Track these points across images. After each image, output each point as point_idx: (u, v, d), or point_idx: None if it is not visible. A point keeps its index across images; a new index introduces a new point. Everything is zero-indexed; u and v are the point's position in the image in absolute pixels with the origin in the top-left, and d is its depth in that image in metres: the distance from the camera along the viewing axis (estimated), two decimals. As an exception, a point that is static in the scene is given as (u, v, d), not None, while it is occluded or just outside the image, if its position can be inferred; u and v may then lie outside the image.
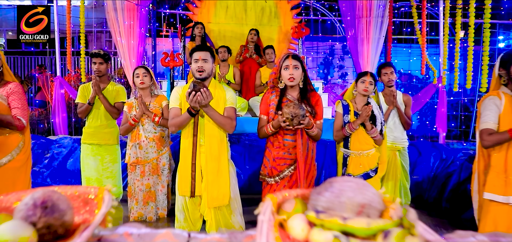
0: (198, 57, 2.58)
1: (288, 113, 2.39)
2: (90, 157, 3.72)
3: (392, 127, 3.77)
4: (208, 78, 2.63)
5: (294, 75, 2.57)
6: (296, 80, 2.58)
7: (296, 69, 2.58)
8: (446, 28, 5.70)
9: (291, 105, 2.42)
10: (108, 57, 3.80)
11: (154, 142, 3.31)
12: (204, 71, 2.57)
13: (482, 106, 2.37)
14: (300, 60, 2.64)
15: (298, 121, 2.40)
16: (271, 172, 2.67)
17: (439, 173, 4.50)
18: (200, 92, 2.30)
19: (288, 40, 6.69)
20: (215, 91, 2.63)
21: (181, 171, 2.65)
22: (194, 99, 2.30)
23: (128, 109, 3.40)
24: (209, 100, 2.37)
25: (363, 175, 3.04)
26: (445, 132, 6.11)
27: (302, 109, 2.41)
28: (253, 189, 4.54)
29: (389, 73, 3.70)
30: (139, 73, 3.37)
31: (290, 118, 2.39)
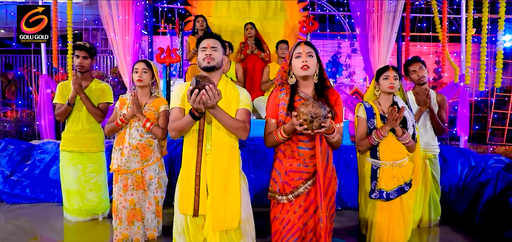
0: (206, 44, 2.15)
1: (307, 114, 1.89)
2: (70, 166, 3.22)
3: (422, 132, 3.27)
4: (217, 71, 2.16)
5: (309, 63, 2.10)
6: (311, 69, 2.11)
7: (310, 57, 2.12)
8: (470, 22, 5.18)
9: (309, 103, 1.92)
10: (94, 52, 3.30)
11: (138, 150, 2.77)
12: (213, 59, 2.11)
13: None
14: (315, 48, 2.17)
15: (319, 123, 1.90)
16: (283, 188, 2.16)
17: (469, 182, 3.98)
18: (205, 90, 1.79)
19: (295, 36, 6.20)
20: (226, 90, 2.15)
21: (182, 184, 2.14)
22: (197, 99, 1.80)
23: (120, 106, 2.89)
24: (217, 100, 1.87)
25: (397, 190, 2.57)
26: (467, 135, 5.60)
27: (324, 109, 1.91)
28: (259, 201, 4.02)
29: (418, 70, 3.23)
30: (138, 68, 2.85)
31: (309, 120, 1.89)
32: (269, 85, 5.03)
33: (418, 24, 9.28)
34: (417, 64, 3.26)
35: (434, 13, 5.86)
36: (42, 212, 3.85)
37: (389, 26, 6.60)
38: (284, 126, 2.07)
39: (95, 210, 3.40)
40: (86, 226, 3.39)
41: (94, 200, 3.34)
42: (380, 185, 2.56)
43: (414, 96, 3.32)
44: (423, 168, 3.30)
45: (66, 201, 3.34)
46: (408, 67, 3.30)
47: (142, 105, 2.83)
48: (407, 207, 2.63)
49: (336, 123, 2.15)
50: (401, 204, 2.59)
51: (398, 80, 2.61)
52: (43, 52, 5.56)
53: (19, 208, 3.95)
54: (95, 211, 3.41)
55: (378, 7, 6.62)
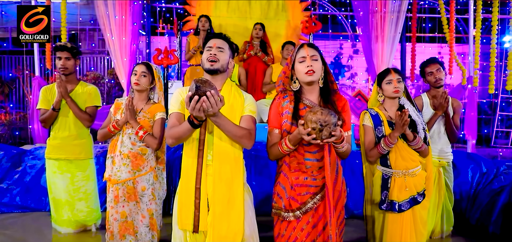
0: (212, 44, 1.98)
1: (316, 121, 1.71)
2: (58, 175, 3.02)
3: (436, 138, 3.09)
4: (221, 74, 1.98)
5: (314, 67, 1.92)
6: (316, 74, 1.93)
7: (315, 60, 1.94)
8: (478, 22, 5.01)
9: (317, 110, 1.74)
10: (77, 52, 3.10)
11: (129, 159, 2.56)
12: (218, 60, 1.94)
13: None
14: (319, 50, 2.00)
15: (329, 132, 1.72)
16: (289, 204, 1.97)
17: (481, 190, 3.82)
18: (206, 97, 1.60)
19: (297, 36, 6.03)
20: (230, 95, 1.97)
21: (181, 197, 1.96)
22: (197, 106, 1.60)
23: (114, 111, 2.69)
24: (219, 107, 1.67)
25: (410, 201, 2.39)
26: (475, 139, 5.44)
27: (334, 116, 1.74)
28: (261, 210, 3.82)
29: (435, 71, 3.05)
30: (137, 71, 2.64)
31: (318, 128, 1.71)
32: (271, 87, 4.86)
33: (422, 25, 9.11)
34: (434, 65, 3.09)
35: (441, 13, 5.69)
36: (32, 222, 3.67)
37: (393, 26, 6.46)
38: (290, 136, 1.89)
39: (86, 221, 3.21)
40: (77, 238, 3.21)
41: (84, 210, 3.15)
42: (392, 196, 2.38)
43: (430, 99, 3.14)
44: (437, 177, 3.12)
45: (55, 211, 3.15)
46: (424, 68, 3.13)
47: (137, 111, 2.64)
48: (421, 219, 2.46)
49: (345, 131, 1.97)
50: (413, 216, 2.42)
51: (402, 83, 2.45)
52: (36, 53, 5.38)
53: (9, 218, 3.77)
54: (85, 222, 3.21)
55: (382, 7, 6.47)
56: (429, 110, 3.15)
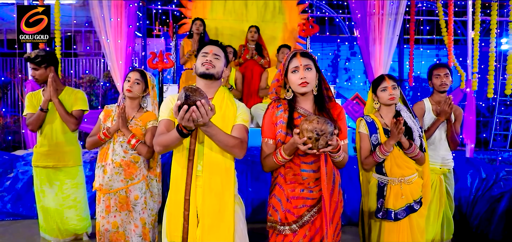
0: (209, 50, 1.94)
1: (312, 130, 1.65)
2: (46, 183, 2.94)
3: (437, 144, 3.03)
4: (215, 81, 1.94)
5: (307, 78, 1.86)
6: (310, 84, 1.88)
7: (308, 70, 1.88)
8: (477, 25, 4.97)
9: (313, 118, 1.68)
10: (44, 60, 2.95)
11: (121, 168, 2.48)
12: (214, 66, 1.90)
13: None
14: (312, 58, 1.93)
15: (326, 141, 1.65)
16: (285, 217, 1.90)
17: (480, 196, 3.76)
18: (195, 106, 1.54)
19: (294, 39, 5.97)
20: (222, 103, 1.91)
21: (170, 209, 1.89)
22: (186, 116, 1.53)
23: (104, 118, 2.60)
24: (210, 117, 1.61)
25: (406, 209, 2.34)
26: (473, 143, 5.39)
27: (330, 125, 1.67)
28: (258, 217, 3.78)
29: (442, 75, 3.00)
30: (131, 77, 2.57)
31: (314, 138, 1.64)
32: (267, 91, 4.79)
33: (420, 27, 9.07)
34: (443, 69, 3.04)
35: (440, 16, 5.64)
36: (24, 230, 3.60)
37: (391, 28, 6.42)
38: (284, 146, 1.82)
39: (76, 230, 3.13)
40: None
41: (74, 218, 3.07)
42: (388, 204, 2.34)
43: (432, 104, 3.09)
44: (438, 184, 3.06)
45: (43, 220, 3.07)
46: (433, 70, 3.08)
47: (128, 119, 2.56)
48: (418, 227, 2.41)
49: (341, 140, 1.91)
50: (410, 224, 2.37)
51: (397, 89, 2.41)
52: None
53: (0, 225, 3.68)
54: (75, 231, 3.14)
55: (379, 9, 6.42)
56: (431, 115, 3.09)
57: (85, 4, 8.41)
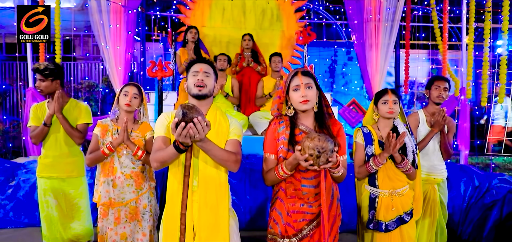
0: (198, 69, 1.99)
1: (313, 148, 1.72)
2: (50, 193, 2.99)
3: (431, 154, 3.11)
4: (208, 99, 1.99)
5: (308, 96, 1.94)
6: (310, 102, 1.95)
7: (309, 88, 1.95)
8: (471, 33, 5.06)
9: (314, 136, 1.75)
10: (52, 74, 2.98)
11: (132, 179, 2.58)
12: (205, 86, 1.95)
13: None
14: (313, 77, 2.01)
15: (326, 158, 1.73)
16: (285, 230, 1.98)
17: (473, 204, 3.84)
18: (192, 123, 1.61)
19: (291, 46, 6.04)
20: (215, 120, 1.98)
21: (167, 223, 1.96)
22: (184, 132, 1.61)
23: (102, 134, 2.66)
24: (206, 132, 1.68)
25: (396, 220, 2.41)
26: (467, 149, 5.48)
27: (331, 142, 1.75)
28: (256, 225, 3.86)
29: (442, 88, 3.08)
30: (129, 92, 2.64)
31: (315, 155, 1.71)
32: (264, 100, 4.85)
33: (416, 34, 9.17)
34: (444, 82, 3.12)
35: (435, 25, 5.73)
36: (27, 238, 3.66)
37: (387, 35, 6.51)
38: (286, 162, 1.89)
39: (78, 239, 3.19)
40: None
41: (77, 227, 3.13)
42: (378, 216, 2.40)
43: (426, 116, 3.17)
44: (432, 194, 3.14)
45: (47, 230, 3.12)
46: (434, 81, 3.16)
47: (128, 132, 2.64)
48: (408, 238, 2.48)
49: (340, 156, 1.99)
50: (401, 235, 2.44)
51: (397, 104, 2.47)
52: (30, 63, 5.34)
53: (2, 234, 3.75)
54: (78, 239, 3.19)
55: (376, 15, 6.51)
56: (425, 127, 3.16)
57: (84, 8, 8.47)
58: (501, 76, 4.38)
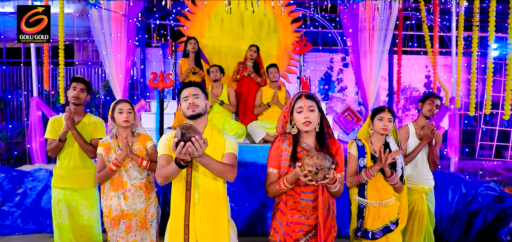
0: (187, 93, 2.15)
1: (312, 165, 1.90)
2: (63, 203, 3.17)
3: (419, 165, 3.32)
4: (202, 117, 2.17)
5: (310, 118, 2.12)
6: (312, 124, 2.13)
7: (311, 111, 2.13)
8: (460, 45, 5.27)
9: (314, 154, 1.93)
10: (90, 88, 3.28)
11: (142, 190, 2.76)
12: (198, 106, 2.13)
13: None
14: (316, 100, 2.19)
15: (324, 175, 1.91)
16: (284, 240, 2.18)
17: (460, 211, 4.05)
18: (191, 142, 1.79)
19: (288, 56, 6.22)
20: (212, 137, 2.16)
21: (172, 233, 2.14)
22: (183, 151, 1.78)
23: (105, 152, 2.81)
24: (204, 149, 1.86)
25: (383, 229, 2.59)
26: (457, 156, 5.70)
27: (328, 160, 1.93)
28: (253, 230, 4.03)
29: (434, 104, 3.32)
30: (123, 109, 2.81)
31: (314, 171, 1.90)
32: (262, 109, 5.02)
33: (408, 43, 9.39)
34: (437, 100, 3.36)
35: (425, 36, 5.94)
36: (34, 244, 3.82)
37: (381, 42, 6.70)
38: (287, 176, 2.08)
39: (87, 246, 3.37)
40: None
41: (86, 236, 3.31)
42: (366, 224, 2.59)
43: (416, 129, 3.38)
44: (420, 203, 3.34)
45: (58, 236, 3.29)
46: (430, 97, 3.39)
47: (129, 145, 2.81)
48: None
49: (338, 173, 2.17)
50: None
51: (392, 123, 2.65)
52: (35, 74, 5.48)
53: (11, 240, 3.90)
54: (87, 247, 3.37)
55: (370, 24, 6.71)
56: (414, 139, 3.37)
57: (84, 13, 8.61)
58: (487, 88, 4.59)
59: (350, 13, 6.80)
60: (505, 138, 9.06)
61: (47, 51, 5.48)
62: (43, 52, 5.75)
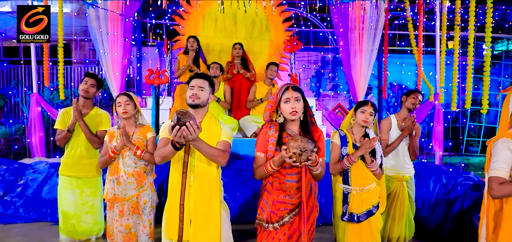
0: (194, 83, 2.38)
1: (296, 148, 2.10)
2: (68, 190, 3.38)
3: (400, 155, 3.58)
4: (201, 108, 2.39)
5: (296, 108, 2.32)
6: (298, 113, 2.34)
7: (297, 101, 2.34)
8: (443, 44, 5.52)
9: (298, 138, 2.14)
10: (101, 85, 3.51)
11: (134, 177, 2.96)
12: (199, 98, 2.34)
13: (493, 148, 2.12)
14: (301, 91, 2.41)
15: (307, 157, 2.12)
16: (270, 217, 2.38)
17: (440, 199, 4.28)
18: (185, 126, 2.00)
19: (279, 54, 6.43)
20: (209, 126, 2.38)
21: (168, 212, 2.37)
22: (178, 134, 2.00)
23: (109, 139, 3.05)
24: (197, 134, 2.08)
25: (366, 213, 2.82)
26: (441, 150, 5.94)
27: (311, 144, 2.13)
28: (245, 218, 4.25)
29: (417, 99, 3.61)
30: (121, 102, 3.02)
31: (298, 153, 2.11)
32: (255, 103, 5.23)
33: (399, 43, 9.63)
34: (420, 95, 3.65)
35: (410, 35, 6.18)
36: (35, 231, 3.99)
37: (370, 42, 6.92)
38: (274, 159, 2.28)
39: (90, 232, 3.57)
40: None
41: (89, 222, 3.51)
42: (351, 209, 2.81)
43: (398, 121, 3.62)
44: (401, 190, 3.57)
45: (62, 222, 3.50)
46: (414, 92, 3.66)
47: (130, 135, 3.02)
48: (375, 227, 2.90)
49: (320, 158, 2.39)
50: (369, 225, 2.85)
51: (373, 116, 2.88)
52: (34, 72, 5.65)
53: (13, 228, 4.08)
54: (89, 233, 3.57)
55: (360, 24, 6.94)
56: (396, 130, 3.62)
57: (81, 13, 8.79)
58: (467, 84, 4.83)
59: (338, 12, 7.03)
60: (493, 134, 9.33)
61: (46, 49, 5.65)
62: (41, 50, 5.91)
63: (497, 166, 2.04)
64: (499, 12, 9.16)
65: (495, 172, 2.04)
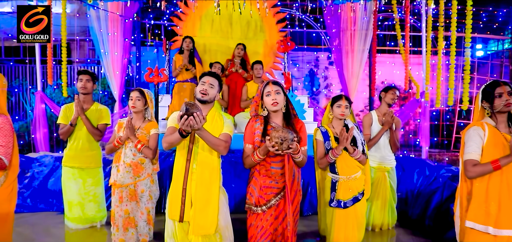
0: (206, 80, 2.61)
1: (278, 137, 2.36)
2: (72, 180, 3.63)
3: (382, 147, 3.85)
4: (208, 104, 2.63)
5: (277, 99, 2.57)
6: (279, 104, 2.59)
7: (278, 94, 2.59)
8: (429, 44, 5.81)
9: (279, 129, 2.41)
10: (96, 78, 3.75)
11: (131, 167, 3.21)
12: (207, 94, 2.58)
13: (466, 136, 2.40)
14: (281, 86, 2.66)
15: (287, 145, 2.38)
16: (258, 201, 2.64)
17: (423, 190, 4.55)
18: (192, 116, 2.25)
19: (273, 54, 6.69)
20: (213, 119, 2.63)
21: (172, 194, 2.63)
22: (186, 123, 2.25)
23: (118, 129, 3.32)
24: (202, 123, 2.33)
25: (353, 199, 3.05)
26: (427, 145, 6.23)
27: (291, 133, 2.40)
28: (240, 208, 4.51)
29: (396, 95, 3.92)
30: (133, 96, 3.28)
31: (279, 142, 2.37)
32: (247, 103, 5.48)
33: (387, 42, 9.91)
34: (397, 91, 3.98)
35: (397, 36, 6.47)
36: (42, 220, 4.22)
37: (362, 42, 7.20)
38: (259, 149, 2.54)
39: (94, 219, 3.83)
40: (85, 232, 3.81)
41: (93, 209, 3.77)
42: (338, 195, 3.05)
43: (378, 116, 3.89)
44: (383, 180, 3.85)
45: (68, 211, 3.75)
46: (392, 89, 3.95)
47: (136, 128, 3.27)
48: (361, 213, 3.14)
49: (301, 146, 2.65)
50: (355, 211, 3.09)
51: (348, 108, 3.11)
52: (39, 70, 5.89)
53: (21, 217, 4.31)
54: (93, 220, 3.83)
55: (351, 25, 7.22)
56: (377, 125, 3.89)
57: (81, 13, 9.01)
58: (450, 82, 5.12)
59: (330, 14, 7.31)
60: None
61: (50, 49, 5.89)
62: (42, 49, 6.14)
63: (470, 150, 2.33)
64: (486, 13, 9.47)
65: (469, 155, 2.33)
